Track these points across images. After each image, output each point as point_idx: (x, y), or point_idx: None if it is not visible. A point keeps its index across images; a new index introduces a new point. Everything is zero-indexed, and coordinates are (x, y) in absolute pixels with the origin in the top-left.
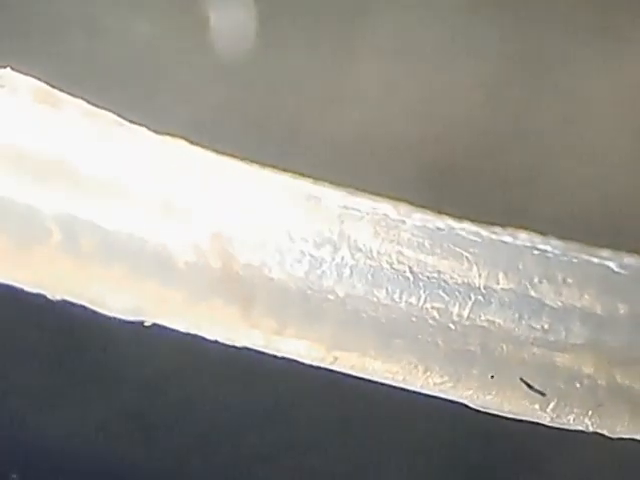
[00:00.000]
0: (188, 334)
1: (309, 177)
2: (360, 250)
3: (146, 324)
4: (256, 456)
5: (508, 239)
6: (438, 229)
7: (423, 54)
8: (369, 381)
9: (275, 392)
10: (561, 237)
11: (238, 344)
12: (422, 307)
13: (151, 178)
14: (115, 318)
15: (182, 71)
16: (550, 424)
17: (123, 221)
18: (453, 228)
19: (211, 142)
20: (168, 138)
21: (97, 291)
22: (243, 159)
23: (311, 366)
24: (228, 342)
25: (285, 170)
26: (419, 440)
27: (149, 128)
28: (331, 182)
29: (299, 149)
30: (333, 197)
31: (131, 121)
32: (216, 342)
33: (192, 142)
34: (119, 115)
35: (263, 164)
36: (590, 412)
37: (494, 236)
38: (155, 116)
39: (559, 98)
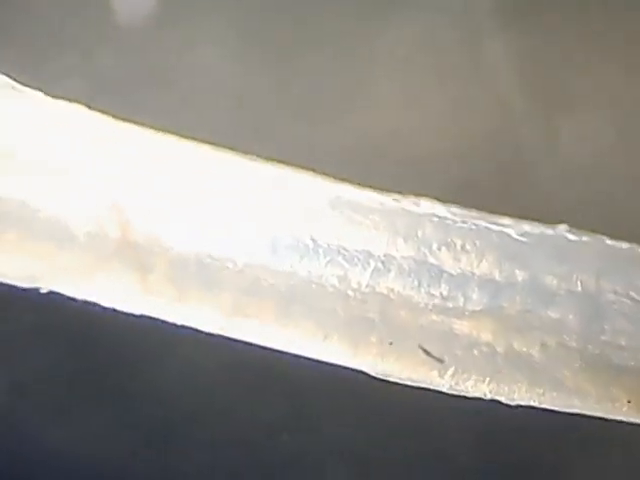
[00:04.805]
0: (86, 302)
1: (211, 143)
2: (260, 217)
3: (42, 291)
4: (160, 426)
5: (408, 206)
6: (338, 196)
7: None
8: (268, 349)
9: (174, 360)
10: (462, 204)
11: (136, 312)
12: (321, 274)
13: (47, 144)
14: (11, 285)
15: (83, 35)
16: (448, 391)
17: (17, 188)
18: (353, 195)
19: (111, 108)
20: (65, 103)
21: None
22: (144, 125)
23: (210, 334)
24: (126, 310)
25: (186, 137)
26: (318, 408)
27: (45, 92)
28: (236, 149)
29: (203, 116)
30: (235, 164)
31: (26, 84)
32: (114, 310)
33: (91, 107)
34: (13, 78)
35: (164, 130)
36: (488, 379)
37: (394, 203)
38: (53, 81)
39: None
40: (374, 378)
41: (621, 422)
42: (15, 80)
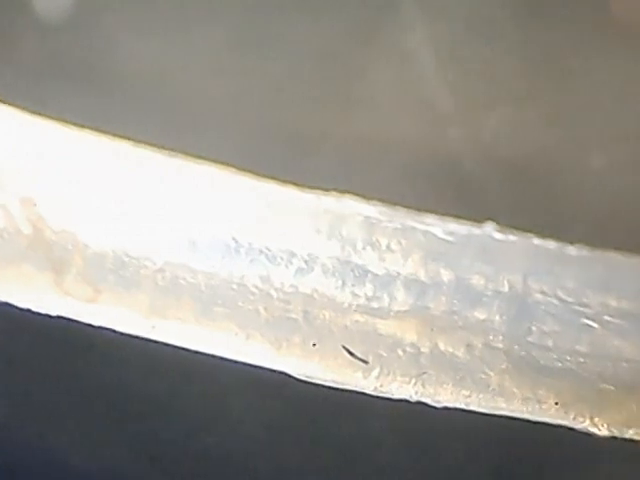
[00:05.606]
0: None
1: (130, 139)
2: (180, 215)
3: None
4: (76, 427)
5: (331, 204)
6: (260, 194)
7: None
8: (188, 350)
9: (90, 362)
10: (387, 202)
11: (52, 312)
12: (243, 274)
13: None
14: None
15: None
16: (373, 393)
17: None
18: (276, 192)
19: (27, 102)
20: None
21: None
22: (61, 121)
23: (128, 335)
24: (41, 310)
25: (105, 133)
26: (239, 410)
27: None
28: (157, 145)
29: (122, 109)
30: (155, 161)
31: None
32: (29, 310)
33: (5, 101)
34: None
35: (83, 127)
36: (413, 380)
37: (317, 201)
38: None
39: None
40: (297, 379)
41: (548, 424)
42: None
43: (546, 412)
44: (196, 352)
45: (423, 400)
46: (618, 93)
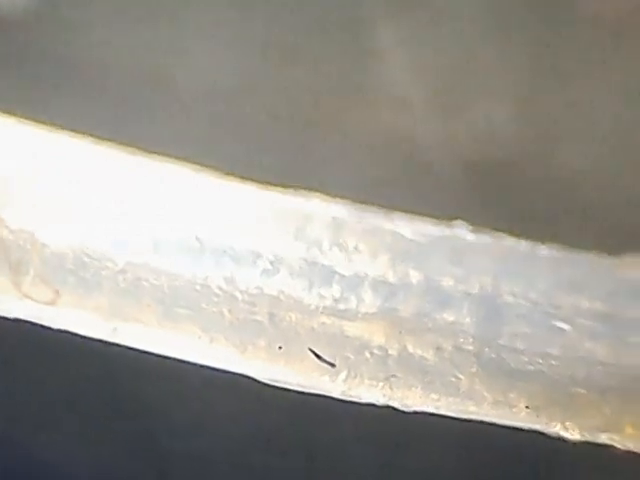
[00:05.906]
0: None
1: (91, 136)
2: (142, 214)
3: None
4: (33, 431)
5: (298, 203)
6: (224, 193)
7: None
8: (151, 353)
9: (51, 367)
10: (354, 201)
11: (9, 315)
12: (207, 275)
13: None
14: None
15: None
16: (340, 397)
17: None
18: (240, 191)
19: None
20: None
21: None
22: (19, 116)
23: (89, 338)
24: None
25: (64, 129)
26: (203, 415)
27: None
28: (118, 142)
29: (83, 106)
30: (117, 158)
31: None
32: None
33: None
34: None
35: (42, 122)
36: (381, 384)
37: (283, 200)
38: None
39: None
40: (262, 383)
41: (519, 429)
42: None
43: (517, 416)
44: (158, 355)
45: (391, 404)
46: (597, 93)
